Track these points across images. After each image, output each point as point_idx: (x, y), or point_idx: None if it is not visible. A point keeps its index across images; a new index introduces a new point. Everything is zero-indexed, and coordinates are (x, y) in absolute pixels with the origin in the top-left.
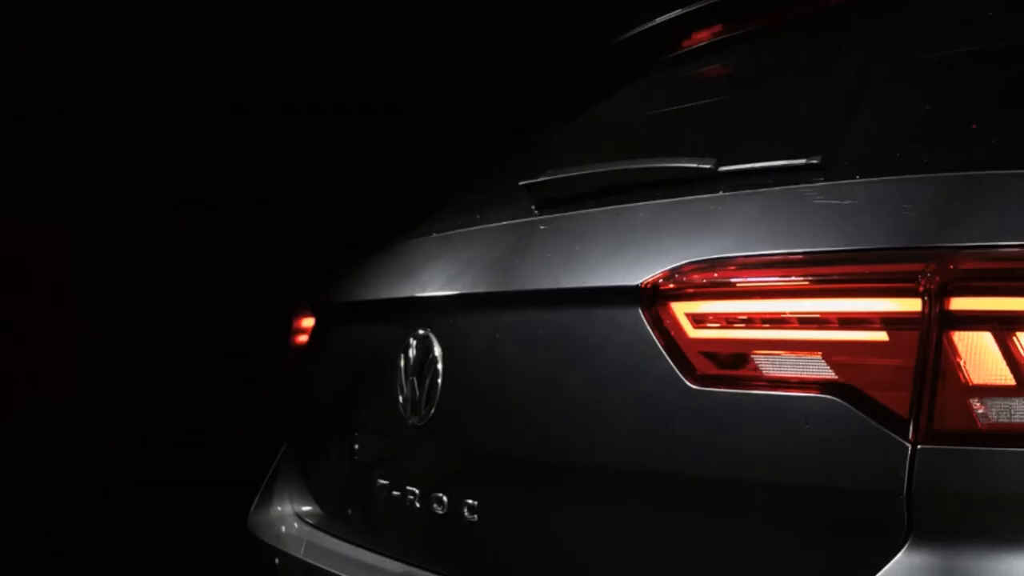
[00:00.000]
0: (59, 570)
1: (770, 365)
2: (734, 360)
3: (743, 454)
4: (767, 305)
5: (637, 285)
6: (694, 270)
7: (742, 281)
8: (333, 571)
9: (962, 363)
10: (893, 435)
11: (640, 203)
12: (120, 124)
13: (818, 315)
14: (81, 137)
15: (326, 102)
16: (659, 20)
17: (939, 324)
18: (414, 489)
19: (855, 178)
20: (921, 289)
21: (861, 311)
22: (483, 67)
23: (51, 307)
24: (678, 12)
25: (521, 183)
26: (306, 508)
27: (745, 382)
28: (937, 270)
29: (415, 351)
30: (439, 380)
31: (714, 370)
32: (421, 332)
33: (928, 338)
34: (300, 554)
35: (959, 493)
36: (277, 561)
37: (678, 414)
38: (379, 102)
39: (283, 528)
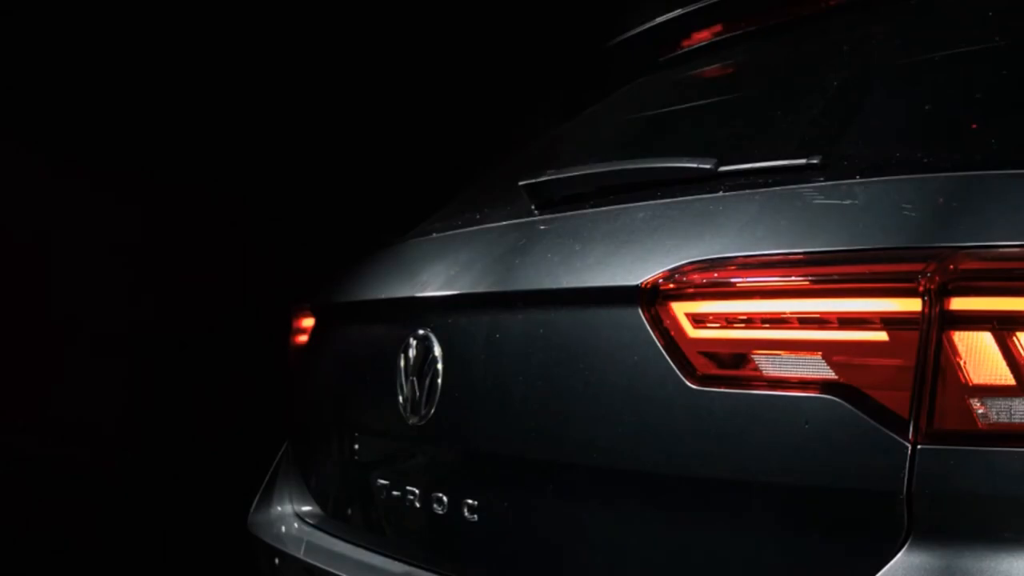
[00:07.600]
0: (59, 570)
1: (770, 365)
2: (734, 360)
3: (743, 454)
4: (767, 305)
5: (637, 285)
6: (694, 270)
7: (742, 281)
8: (333, 571)
9: (962, 363)
10: (893, 435)
11: (640, 203)
12: (121, 124)
13: (818, 315)
14: (81, 137)
15: (326, 102)
16: (659, 20)
17: (939, 324)
18: (414, 489)
19: (855, 178)
20: (921, 289)
21: (861, 311)
22: (484, 67)
23: (51, 307)
24: (678, 12)
25: (521, 183)
26: (306, 508)
27: (745, 382)
28: (937, 270)
29: (415, 351)
30: (439, 380)
31: (714, 370)
32: (421, 332)
33: (928, 338)
34: (300, 554)
35: (959, 493)
36: (277, 561)
37: (678, 414)
38: (379, 102)
39: (283, 528)
